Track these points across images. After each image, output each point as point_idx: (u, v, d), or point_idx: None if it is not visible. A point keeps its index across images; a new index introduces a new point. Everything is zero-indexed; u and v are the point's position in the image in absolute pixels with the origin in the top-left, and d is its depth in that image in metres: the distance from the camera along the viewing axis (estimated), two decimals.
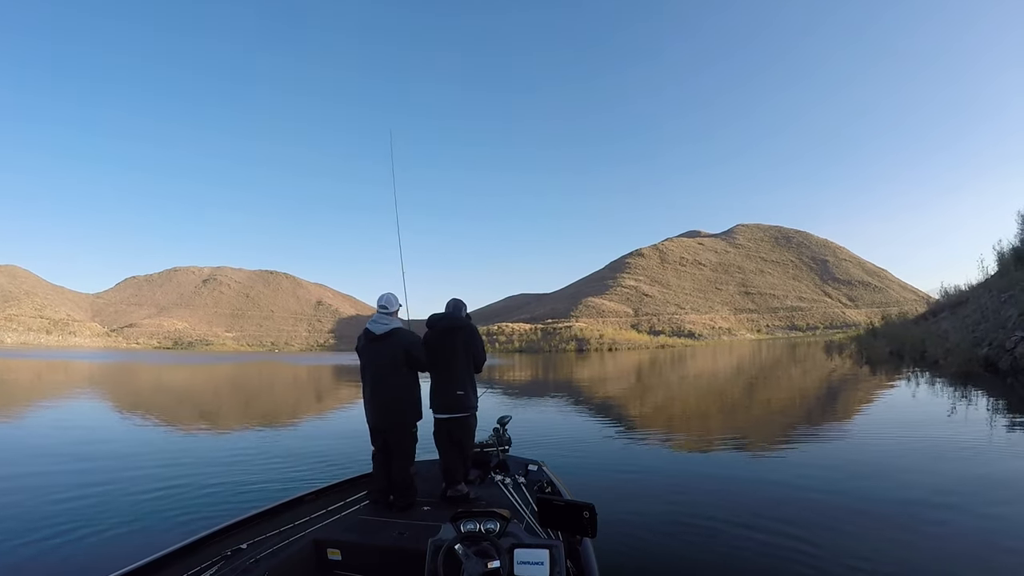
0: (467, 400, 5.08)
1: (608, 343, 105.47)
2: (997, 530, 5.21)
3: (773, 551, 4.77)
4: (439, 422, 5.09)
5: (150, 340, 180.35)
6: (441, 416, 5.07)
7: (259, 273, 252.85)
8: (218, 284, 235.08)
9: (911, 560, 4.60)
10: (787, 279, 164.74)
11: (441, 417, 5.07)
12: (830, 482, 6.94)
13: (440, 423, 5.09)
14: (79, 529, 5.70)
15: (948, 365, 19.54)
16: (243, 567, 3.33)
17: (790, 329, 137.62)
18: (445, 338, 5.11)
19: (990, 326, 21.07)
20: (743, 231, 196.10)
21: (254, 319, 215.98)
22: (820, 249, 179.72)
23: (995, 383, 15.95)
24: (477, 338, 5.26)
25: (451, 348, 5.08)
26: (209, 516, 5.94)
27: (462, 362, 5.11)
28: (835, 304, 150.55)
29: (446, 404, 5.05)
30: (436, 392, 5.10)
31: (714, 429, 11.97)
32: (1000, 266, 28.23)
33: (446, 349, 5.08)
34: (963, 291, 31.08)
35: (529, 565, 2.71)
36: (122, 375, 35.55)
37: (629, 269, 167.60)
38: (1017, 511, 5.76)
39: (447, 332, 5.14)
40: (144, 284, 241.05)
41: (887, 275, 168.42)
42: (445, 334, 5.13)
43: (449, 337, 5.12)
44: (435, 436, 5.11)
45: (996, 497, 6.13)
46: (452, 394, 5.03)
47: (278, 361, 65.03)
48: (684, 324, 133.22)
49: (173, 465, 8.72)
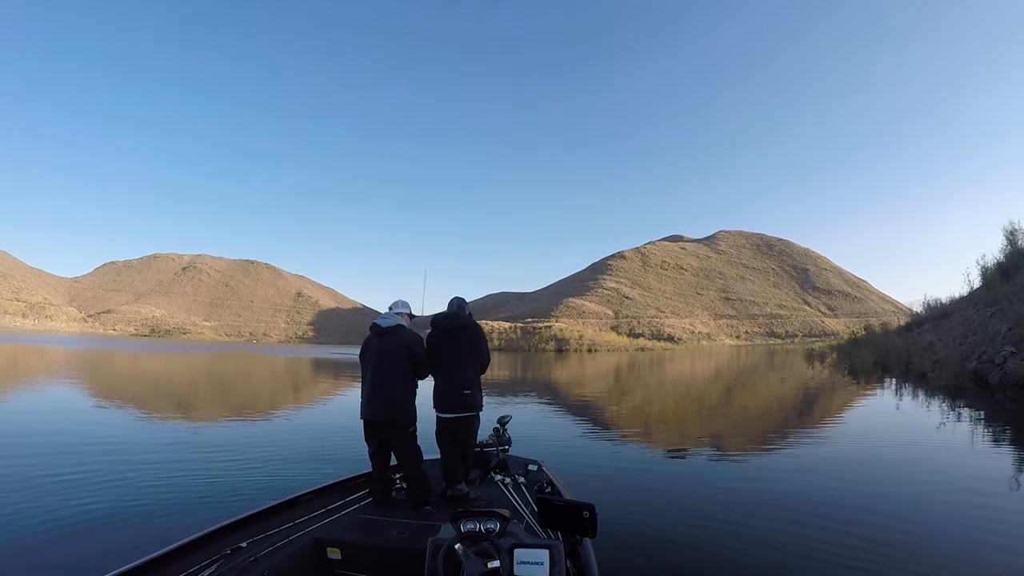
0: (473, 399, 5.06)
1: (588, 344, 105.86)
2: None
3: (773, 551, 4.81)
4: (443, 421, 5.07)
5: (127, 327, 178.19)
6: (446, 415, 5.05)
7: (240, 262, 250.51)
8: (198, 272, 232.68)
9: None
10: (767, 286, 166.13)
11: (446, 416, 5.05)
12: (831, 486, 7.01)
13: (444, 422, 5.06)
14: (79, 529, 5.52)
15: (938, 379, 19.32)
16: (243, 566, 3.28)
17: (769, 336, 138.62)
18: (450, 337, 5.12)
19: (978, 339, 20.87)
20: (725, 237, 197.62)
21: (233, 309, 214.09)
22: (801, 258, 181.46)
23: (988, 398, 15.73)
24: (482, 338, 5.27)
25: (457, 347, 5.09)
26: (205, 514, 5.70)
27: (468, 361, 5.09)
28: (814, 313, 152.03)
29: (452, 403, 5.02)
30: (442, 391, 5.08)
31: (711, 432, 11.99)
32: (984, 280, 28.50)
33: (452, 348, 5.09)
34: (945, 304, 31.42)
35: (529, 565, 2.70)
36: (96, 363, 34.65)
37: (611, 271, 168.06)
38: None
39: (452, 331, 5.14)
40: (123, 270, 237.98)
41: (867, 286, 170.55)
42: (450, 333, 5.14)
43: (454, 336, 5.12)
44: (437, 435, 5.10)
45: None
46: (459, 393, 5.00)
47: (256, 352, 64.63)
48: (664, 328, 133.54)
49: (159, 461, 8.44)
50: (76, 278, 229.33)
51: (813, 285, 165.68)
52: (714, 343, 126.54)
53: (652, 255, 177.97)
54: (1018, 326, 18.73)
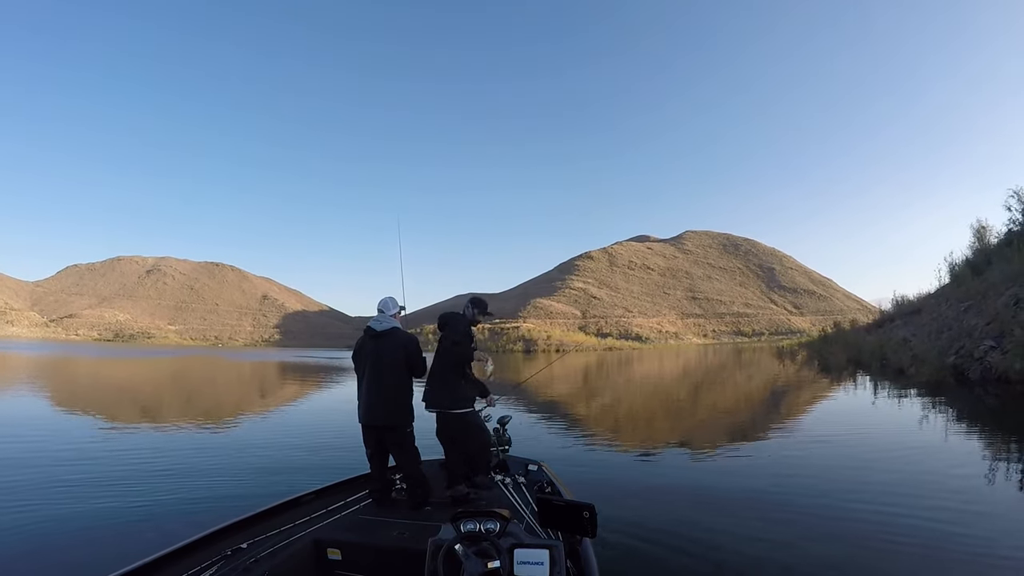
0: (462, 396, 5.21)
1: (556, 344, 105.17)
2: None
3: (774, 552, 4.78)
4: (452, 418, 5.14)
5: (90, 332, 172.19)
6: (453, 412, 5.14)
7: (204, 265, 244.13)
8: (162, 275, 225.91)
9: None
10: (734, 285, 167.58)
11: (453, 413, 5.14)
12: (832, 490, 6.79)
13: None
14: (78, 528, 5.60)
15: (918, 374, 19.03)
16: (243, 566, 3.32)
17: (736, 335, 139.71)
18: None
19: (954, 334, 20.64)
20: (692, 237, 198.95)
21: (198, 312, 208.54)
22: (767, 257, 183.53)
23: (968, 394, 15.45)
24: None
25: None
26: (204, 516, 5.70)
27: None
28: (780, 311, 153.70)
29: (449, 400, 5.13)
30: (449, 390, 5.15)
31: (709, 432, 11.88)
32: (952, 276, 28.66)
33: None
34: (914, 300, 31.81)
35: (529, 565, 2.72)
36: (65, 370, 33.51)
37: (578, 271, 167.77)
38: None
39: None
40: (86, 273, 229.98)
41: (832, 284, 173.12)
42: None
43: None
44: (438, 434, 5.20)
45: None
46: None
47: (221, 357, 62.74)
48: (631, 327, 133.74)
49: (135, 471, 8.19)
50: (38, 282, 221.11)
51: (779, 284, 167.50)
52: (682, 342, 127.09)
53: (619, 255, 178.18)
54: (995, 321, 18.51)
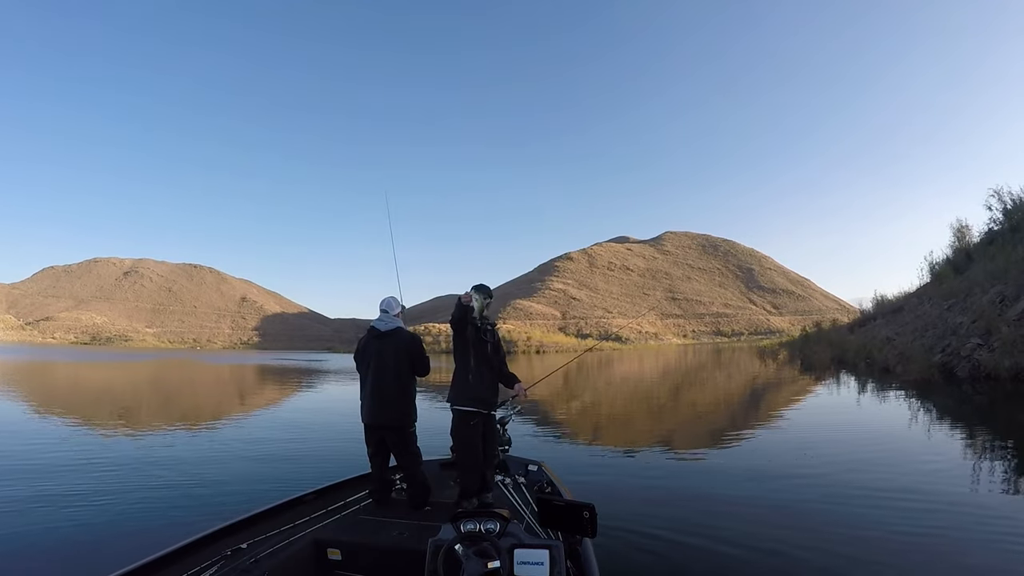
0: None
1: (536, 345, 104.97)
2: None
3: (774, 552, 4.74)
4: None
5: (67, 335, 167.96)
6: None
7: (182, 266, 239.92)
8: (139, 277, 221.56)
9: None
10: (713, 286, 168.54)
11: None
12: (833, 490, 6.69)
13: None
14: (77, 528, 5.60)
15: (906, 373, 18.82)
16: (243, 567, 3.33)
17: (715, 335, 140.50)
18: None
19: (939, 333, 20.50)
20: (671, 238, 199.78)
21: (176, 314, 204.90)
22: (746, 258, 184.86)
23: (958, 391, 15.23)
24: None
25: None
26: (203, 517, 5.71)
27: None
28: (759, 311, 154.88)
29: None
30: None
31: (706, 432, 11.80)
32: (933, 275, 28.75)
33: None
34: (895, 300, 32.00)
35: (529, 565, 2.73)
36: (40, 375, 32.59)
37: (558, 272, 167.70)
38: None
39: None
40: (63, 275, 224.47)
41: (810, 284, 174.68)
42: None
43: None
44: (461, 434, 4.97)
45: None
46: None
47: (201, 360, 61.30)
48: (611, 328, 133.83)
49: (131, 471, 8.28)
50: (14, 284, 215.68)
51: (758, 284, 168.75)
52: (662, 342, 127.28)
53: (599, 256, 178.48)
54: (981, 318, 18.37)
